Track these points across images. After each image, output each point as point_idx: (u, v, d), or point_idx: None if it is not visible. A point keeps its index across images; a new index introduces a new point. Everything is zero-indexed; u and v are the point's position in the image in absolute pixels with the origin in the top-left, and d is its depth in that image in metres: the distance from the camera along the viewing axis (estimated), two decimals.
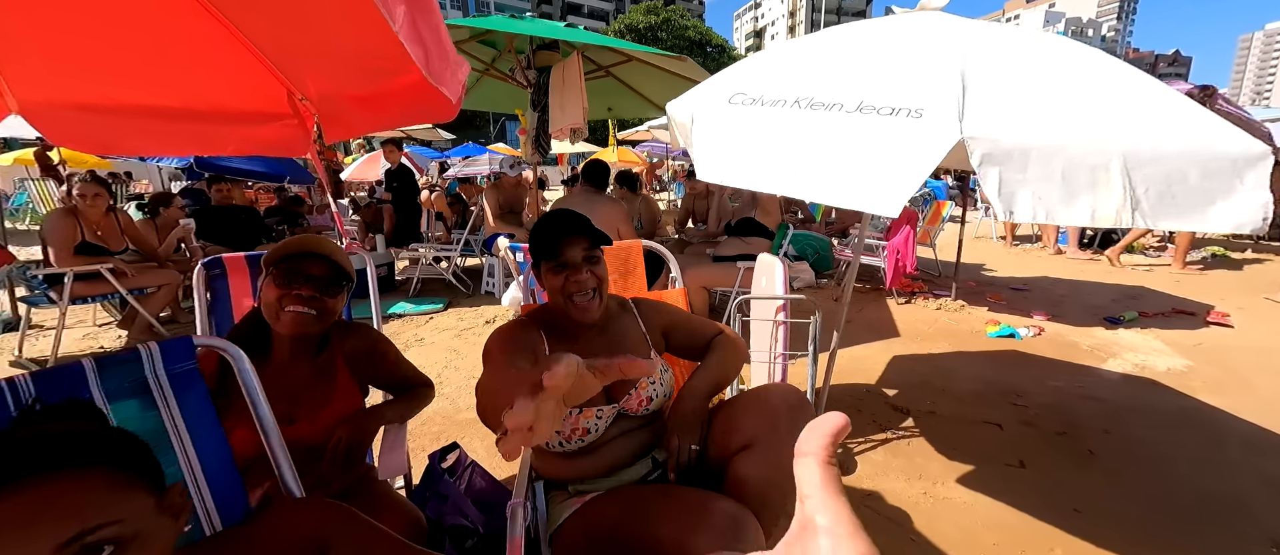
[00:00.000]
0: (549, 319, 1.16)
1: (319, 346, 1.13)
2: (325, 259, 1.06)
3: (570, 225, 1.08)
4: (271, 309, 1.03)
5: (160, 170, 8.93)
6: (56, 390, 0.66)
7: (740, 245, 3.43)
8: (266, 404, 0.83)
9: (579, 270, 1.06)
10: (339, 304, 1.10)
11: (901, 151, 1.00)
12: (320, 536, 0.72)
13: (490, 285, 4.91)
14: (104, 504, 0.50)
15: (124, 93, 1.34)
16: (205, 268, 1.51)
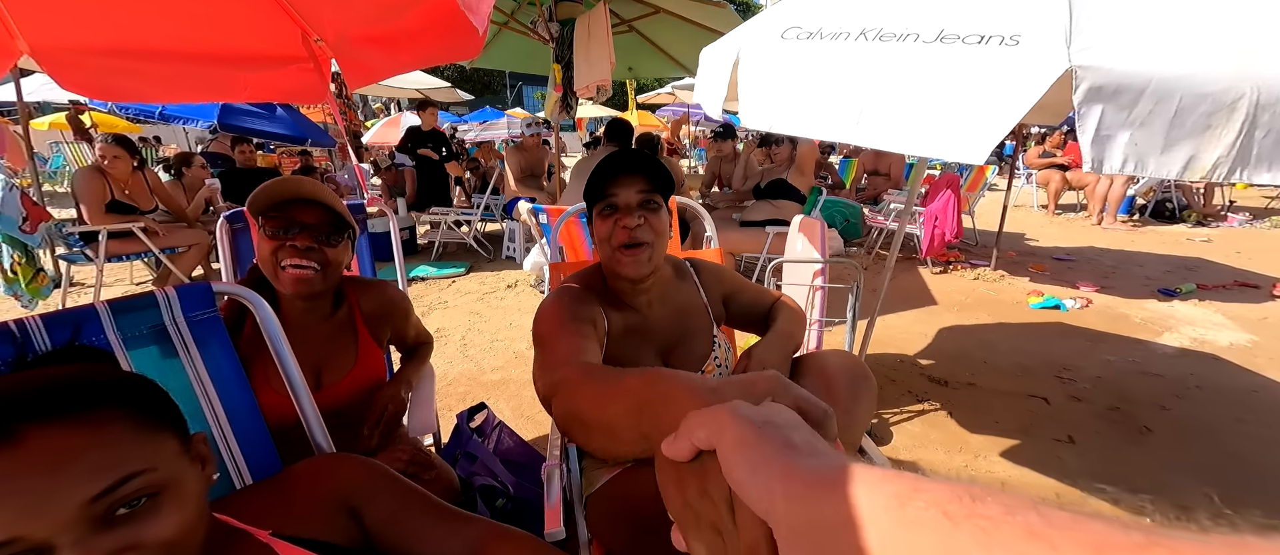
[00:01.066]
0: (601, 284, 1.00)
1: (334, 304, 1.05)
2: (318, 204, 0.93)
3: (627, 162, 0.90)
4: (269, 265, 0.91)
5: (187, 133, 9.04)
6: (68, 333, 0.61)
7: (770, 209, 3.28)
8: (292, 356, 0.79)
9: (631, 213, 0.89)
10: (342, 255, 0.98)
11: (993, 86, 0.86)
12: (353, 493, 0.68)
13: (511, 250, 4.87)
14: (134, 451, 0.45)
15: (133, 36, 1.27)
16: (228, 221, 1.47)
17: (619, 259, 0.91)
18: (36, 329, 0.59)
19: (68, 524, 0.41)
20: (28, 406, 0.42)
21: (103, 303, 0.64)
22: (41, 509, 0.40)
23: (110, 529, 0.43)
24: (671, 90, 7.20)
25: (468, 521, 0.72)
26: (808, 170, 3.23)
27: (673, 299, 1.04)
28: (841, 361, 0.98)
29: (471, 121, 12.51)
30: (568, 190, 3.25)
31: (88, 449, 0.43)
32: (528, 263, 4.04)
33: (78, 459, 0.42)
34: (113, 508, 0.43)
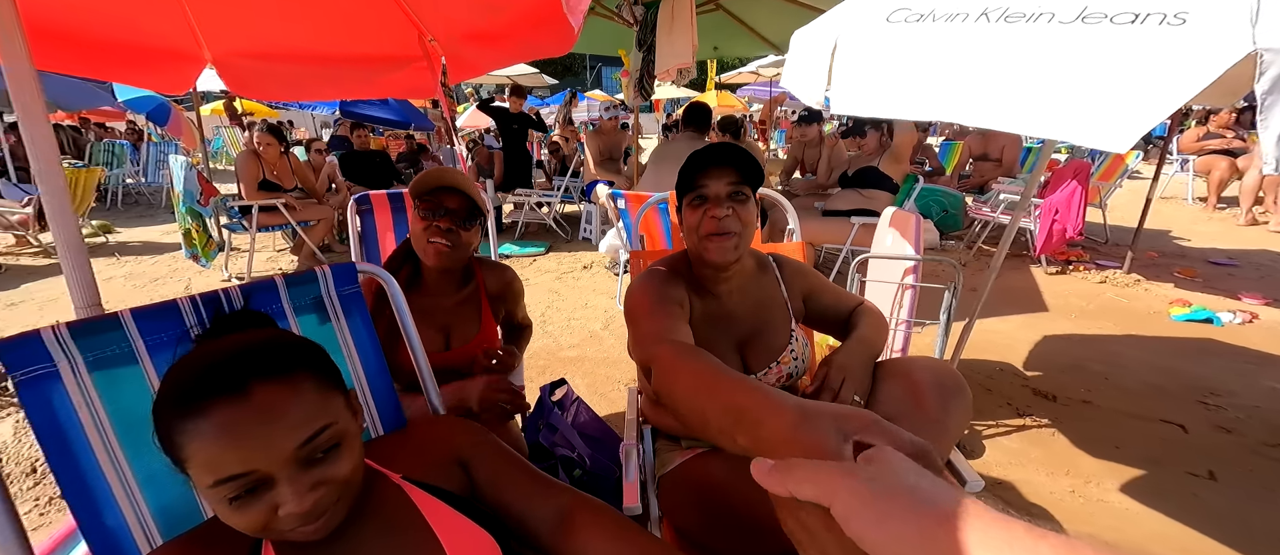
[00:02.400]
0: (686, 269, 1.04)
1: (464, 279, 1.22)
2: (460, 193, 1.10)
3: (718, 155, 0.94)
4: (418, 240, 1.11)
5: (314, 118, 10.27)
6: (259, 300, 0.76)
7: (857, 198, 3.10)
8: (414, 326, 0.91)
9: (720, 204, 0.93)
10: (474, 237, 1.15)
11: (1147, 69, 0.75)
12: (464, 450, 0.78)
13: (588, 232, 5.04)
14: (327, 407, 0.57)
15: (288, 44, 1.48)
16: (356, 203, 1.68)
17: (706, 246, 0.95)
18: (236, 295, 0.74)
19: (284, 463, 0.52)
20: (253, 367, 0.53)
21: (280, 275, 0.79)
22: (267, 450, 0.52)
23: (310, 469, 0.54)
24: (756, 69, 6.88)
25: (558, 489, 0.79)
26: (904, 157, 3.00)
27: (753, 291, 1.06)
28: (932, 370, 0.93)
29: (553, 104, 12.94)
30: (645, 175, 3.29)
31: (292, 404, 0.54)
32: (603, 245, 4.17)
33: (287, 412, 0.53)
34: (313, 453, 0.54)
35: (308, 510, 0.54)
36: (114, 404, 0.65)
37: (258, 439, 0.51)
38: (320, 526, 0.57)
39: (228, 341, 0.57)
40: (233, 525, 0.54)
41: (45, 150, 0.73)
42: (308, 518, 0.55)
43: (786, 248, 1.50)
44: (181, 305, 0.70)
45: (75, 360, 0.62)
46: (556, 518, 0.76)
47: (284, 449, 0.52)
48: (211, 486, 0.51)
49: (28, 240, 4.55)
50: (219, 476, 0.50)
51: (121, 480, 0.65)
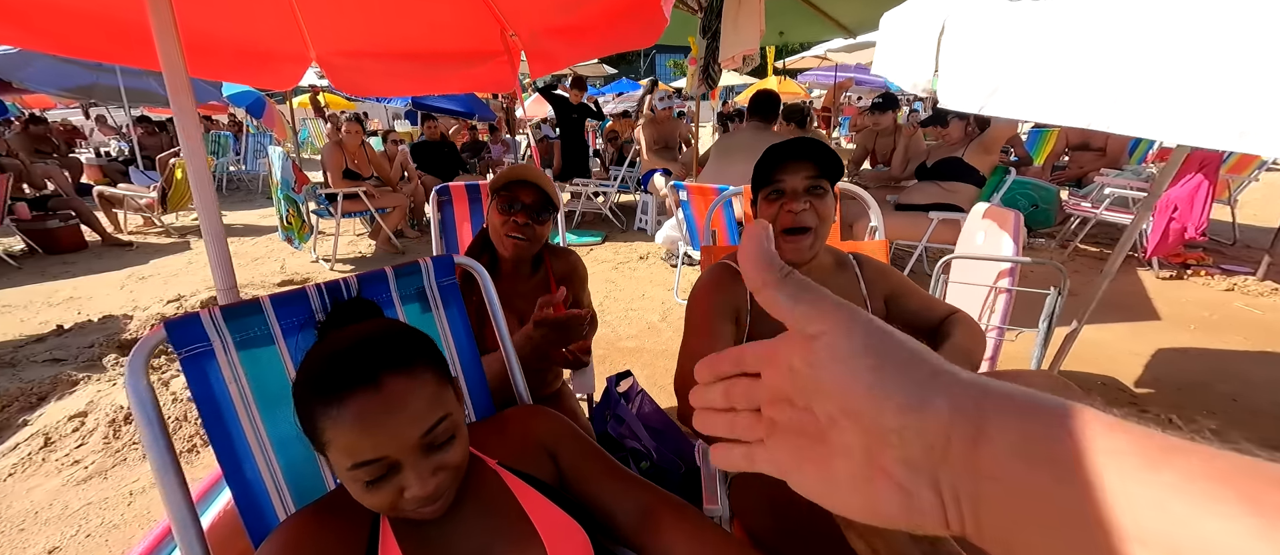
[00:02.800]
0: None
1: (535, 266, 1.27)
2: (536, 187, 1.15)
3: (797, 149, 0.94)
4: (496, 232, 1.17)
5: (387, 111, 10.90)
6: (371, 290, 0.81)
7: (936, 192, 2.89)
8: (503, 314, 0.94)
9: (797, 199, 0.93)
10: (547, 229, 1.20)
11: None
12: (551, 440, 0.80)
13: (643, 222, 5.05)
14: (443, 397, 0.60)
15: (382, 43, 1.56)
16: (437, 194, 1.77)
17: (781, 244, 0.95)
18: (352, 284, 0.79)
19: (410, 450, 0.56)
20: (383, 360, 0.57)
21: (390, 268, 0.83)
22: (397, 439, 0.55)
23: (430, 455, 0.58)
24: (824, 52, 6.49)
25: (640, 485, 0.80)
26: (995, 148, 2.76)
27: (830, 285, 1.02)
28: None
29: (608, 93, 12.98)
30: (708, 167, 3.23)
31: (416, 396, 0.57)
32: (660, 236, 4.15)
33: (413, 403, 0.57)
34: (433, 441, 0.58)
35: (430, 493, 0.57)
36: (255, 379, 0.71)
37: (388, 428, 0.55)
38: (438, 508, 0.60)
39: (357, 333, 0.61)
40: (365, 504, 0.58)
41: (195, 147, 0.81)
42: (429, 500, 0.58)
43: (868, 246, 1.42)
44: (309, 292, 0.76)
45: (226, 340, 0.69)
46: (639, 514, 0.76)
47: (410, 438, 0.56)
48: (350, 469, 0.55)
49: (153, 221, 5.17)
50: (356, 461, 0.54)
51: (259, 442, 0.72)
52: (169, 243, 4.71)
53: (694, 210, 2.80)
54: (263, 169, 7.09)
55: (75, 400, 2.05)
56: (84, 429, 1.90)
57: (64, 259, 4.18)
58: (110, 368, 2.31)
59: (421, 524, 0.65)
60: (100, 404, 2.00)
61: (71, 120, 9.70)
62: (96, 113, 9.65)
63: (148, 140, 6.98)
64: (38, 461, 1.78)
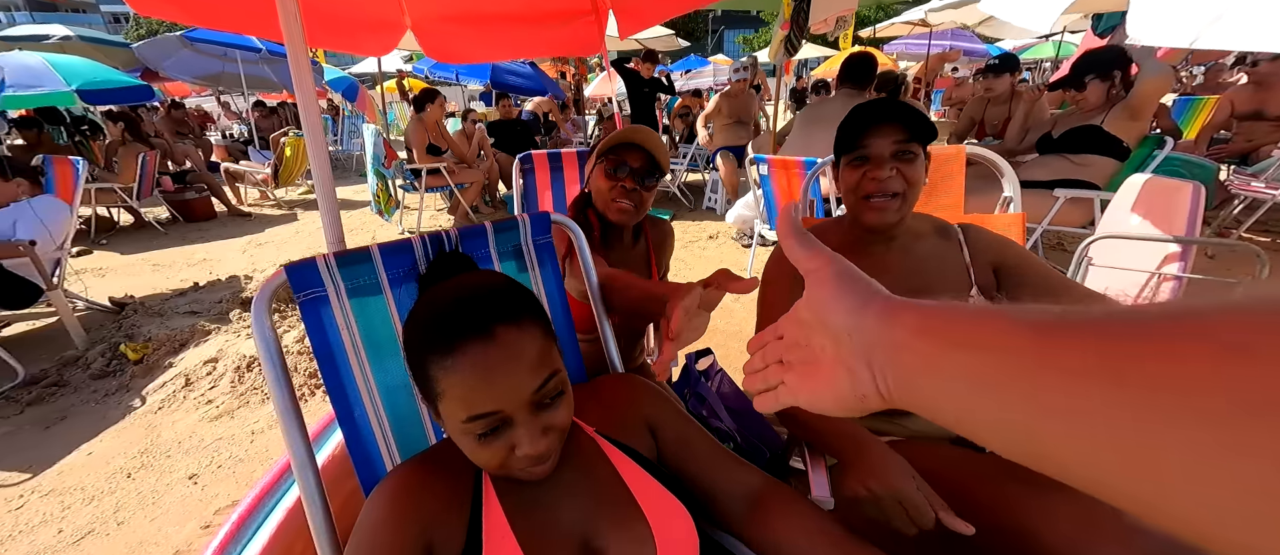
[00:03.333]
0: (830, 236, 1.01)
1: (636, 234, 1.21)
2: (644, 150, 1.06)
3: (885, 112, 0.87)
4: (602, 197, 1.09)
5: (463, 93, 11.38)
6: (470, 245, 0.79)
7: (1064, 166, 2.50)
8: (596, 276, 0.89)
9: (883, 165, 0.86)
10: (652, 195, 1.12)
11: None
12: (651, 413, 0.74)
13: (712, 201, 4.89)
14: (551, 354, 0.56)
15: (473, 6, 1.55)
16: (520, 162, 1.76)
17: (864, 209, 0.90)
18: (452, 237, 0.77)
19: (523, 405, 0.53)
20: (496, 311, 0.54)
21: (489, 223, 0.81)
22: (512, 392, 0.52)
23: (540, 413, 0.55)
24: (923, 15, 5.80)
25: (747, 468, 0.73)
26: (1146, 112, 2.33)
27: (921, 253, 0.95)
28: None
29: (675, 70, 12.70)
30: (792, 139, 3.02)
31: (529, 348, 0.54)
32: (731, 216, 3.99)
33: (525, 355, 0.53)
34: (543, 398, 0.55)
35: (541, 452, 0.54)
36: (364, 326, 0.72)
37: (504, 379, 0.52)
38: (546, 469, 0.57)
39: (466, 284, 0.58)
40: (475, 460, 0.55)
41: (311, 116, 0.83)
42: (538, 460, 0.55)
43: (1000, 221, 1.23)
44: (413, 243, 0.74)
45: (338, 286, 0.70)
46: (747, 500, 0.69)
47: (524, 392, 0.53)
48: (465, 422, 0.52)
49: (267, 195, 5.77)
50: (471, 413, 0.51)
51: (367, 389, 0.72)
52: (280, 214, 5.23)
53: (774, 186, 2.63)
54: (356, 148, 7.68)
55: (208, 347, 2.32)
56: (216, 373, 2.13)
57: (199, 226, 4.77)
58: (235, 321, 2.59)
59: (523, 485, 0.62)
60: (228, 352, 2.25)
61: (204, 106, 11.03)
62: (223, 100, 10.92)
63: (262, 122, 7.78)
64: (180, 399, 2.03)
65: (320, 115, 0.91)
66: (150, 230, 4.60)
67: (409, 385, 0.76)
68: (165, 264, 3.74)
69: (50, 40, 6.18)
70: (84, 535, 1.42)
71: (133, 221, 4.74)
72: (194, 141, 6.97)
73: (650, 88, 5.07)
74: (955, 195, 1.27)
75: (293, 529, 0.81)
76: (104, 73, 4.49)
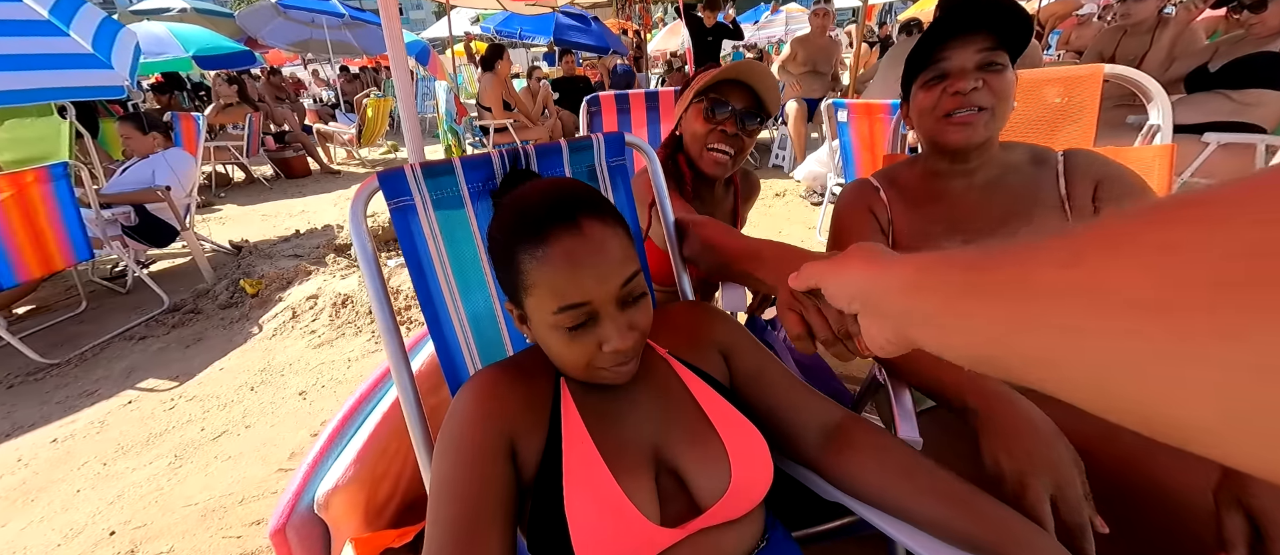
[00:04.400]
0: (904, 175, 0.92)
1: (726, 184, 1.13)
2: (751, 89, 0.95)
3: (967, 17, 0.74)
4: (698, 142, 0.98)
5: (527, 52, 11.46)
6: (546, 163, 0.79)
7: (1223, 106, 2.09)
8: (670, 203, 0.86)
9: (965, 78, 0.75)
10: (753, 141, 1.00)
11: None
12: (726, 341, 0.72)
13: (779, 158, 4.64)
14: (631, 254, 0.55)
15: None
16: (588, 104, 1.74)
17: (943, 129, 0.80)
18: (529, 152, 0.77)
19: (609, 299, 0.53)
20: (582, 205, 0.54)
21: (564, 141, 0.80)
22: (600, 283, 0.52)
23: (625, 310, 0.55)
24: None
25: (827, 402, 0.69)
26: None
27: (1008, 184, 0.83)
28: None
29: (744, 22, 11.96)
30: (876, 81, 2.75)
31: (614, 243, 0.53)
32: (800, 172, 3.77)
33: (612, 249, 0.53)
34: (628, 296, 0.54)
35: (627, 347, 0.54)
36: (448, 237, 0.74)
37: (592, 269, 0.51)
38: (628, 371, 0.57)
39: (553, 182, 0.58)
40: (563, 360, 0.56)
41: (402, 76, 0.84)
42: (623, 357, 0.55)
43: (1146, 154, 1.04)
44: (492, 157, 0.75)
45: (425, 197, 0.72)
46: (825, 430, 0.66)
47: (612, 285, 0.52)
48: (555, 314, 0.52)
49: (352, 155, 6.21)
50: (562, 304, 0.52)
51: (452, 298, 0.75)
52: (363, 171, 5.62)
53: (854, 134, 2.43)
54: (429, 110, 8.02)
55: (310, 286, 2.57)
56: (316, 308, 2.37)
57: (297, 182, 5.24)
58: (331, 264, 2.84)
59: (600, 396, 0.62)
60: (326, 290, 2.48)
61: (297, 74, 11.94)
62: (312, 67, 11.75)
63: (347, 87, 8.30)
64: (289, 328, 2.28)
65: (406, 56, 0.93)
66: (258, 185, 5.13)
67: (491, 305, 0.78)
68: (271, 214, 4.17)
69: (170, 11, 6.89)
70: (221, 434, 1.66)
71: (244, 177, 5.30)
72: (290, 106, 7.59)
73: (714, 36, 4.80)
74: (1087, 125, 1.09)
75: (388, 428, 0.88)
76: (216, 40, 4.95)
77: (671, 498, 0.59)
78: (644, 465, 0.60)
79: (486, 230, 0.62)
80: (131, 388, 1.95)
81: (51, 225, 2.16)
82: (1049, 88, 1.09)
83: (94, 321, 2.49)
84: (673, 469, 0.60)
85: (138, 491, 1.45)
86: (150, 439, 1.66)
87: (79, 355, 2.19)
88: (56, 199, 2.16)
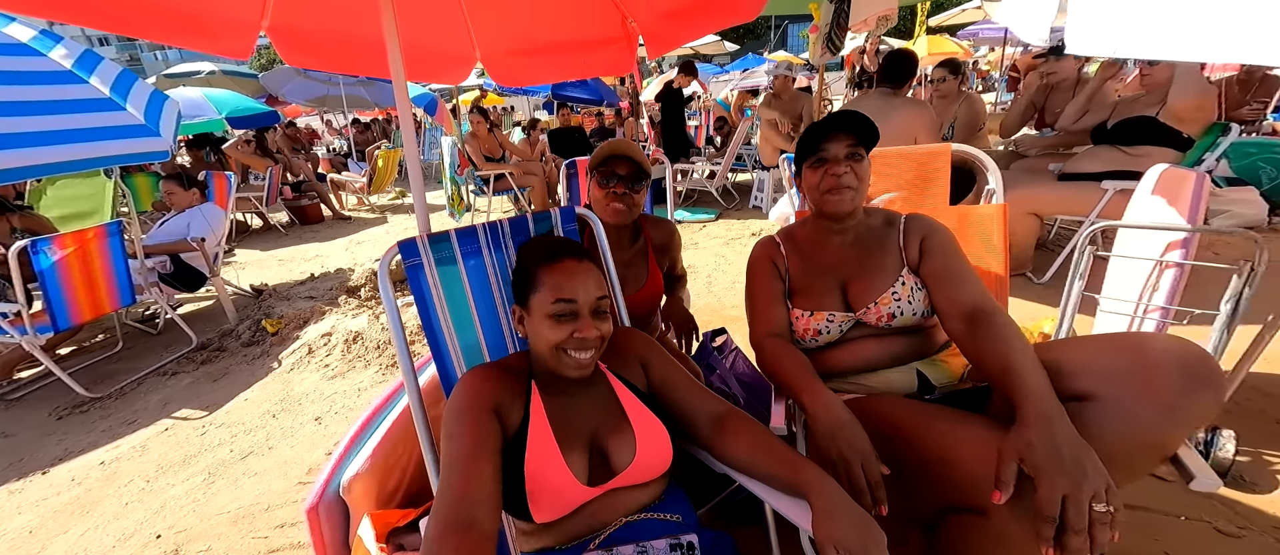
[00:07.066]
0: (798, 233, 1.21)
1: (634, 234, 1.43)
2: (629, 159, 1.29)
3: (839, 122, 1.06)
4: (599, 205, 1.30)
5: (529, 102, 12.15)
6: (517, 232, 1.09)
7: (1117, 158, 2.42)
8: (612, 259, 1.16)
9: (838, 164, 1.05)
10: (642, 197, 1.33)
11: None
12: (644, 355, 0.99)
13: (758, 200, 5.00)
14: (601, 284, 0.87)
15: (530, 40, 1.88)
16: (566, 168, 2.08)
17: (825, 201, 1.09)
18: (504, 227, 1.07)
19: (587, 304, 0.84)
20: (578, 249, 0.88)
21: (530, 214, 1.10)
22: (585, 291, 0.84)
23: (594, 317, 0.85)
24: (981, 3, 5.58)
25: (717, 399, 0.96)
26: (1208, 105, 2.22)
27: (866, 240, 1.15)
28: (1176, 351, 0.77)
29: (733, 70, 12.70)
30: None
31: (595, 273, 0.86)
32: (774, 213, 4.11)
33: (594, 275, 0.86)
34: (597, 308, 0.85)
35: (591, 337, 0.84)
36: (447, 287, 1.03)
37: (582, 280, 0.84)
38: (588, 361, 0.85)
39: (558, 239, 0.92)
40: (548, 337, 0.84)
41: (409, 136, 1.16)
42: (586, 346, 0.84)
43: (985, 211, 1.34)
44: (478, 229, 1.05)
45: (429, 258, 1.01)
46: (713, 420, 0.93)
47: (591, 295, 0.84)
48: (553, 303, 0.83)
49: (362, 201, 6.62)
50: (559, 296, 0.84)
51: (447, 328, 1.03)
52: (373, 217, 6.00)
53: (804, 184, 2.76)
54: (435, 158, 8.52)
55: (324, 325, 2.86)
56: (330, 344, 2.65)
57: (311, 228, 5.62)
58: (343, 304, 3.14)
59: (558, 392, 0.89)
60: (339, 328, 2.76)
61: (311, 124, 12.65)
62: (326, 118, 12.46)
63: (359, 137, 8.85)
64: (306, 363, 2.55)
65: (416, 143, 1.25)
66: (275, 232, 5.50)
67: (477, 338, 1.07)
68: (288, 259, 4.50)
69: (200, 74, 7.50)
70: (247, 454, 1.91)
71: (261, 225, 5.68)
72: (304, 156, 8.10)
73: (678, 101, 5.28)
74: (943, 186, 1.40)
75: (397, 432, 1.14)
76: (245, 102, 5.44)
77: (597, 466, 0.86)
78: (581, 443, 0.87)
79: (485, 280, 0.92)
80: (167, 417, 2.20)
81: (104, 275, 2.48)
82: (904, 162, 1.42)
83: (130, 359, 2.77)
84: (600, 447, 0.87)
85: (178, 503, 1.69)
86: (186, 459, 1.91)
87: (119, 389, 2.45)
88: (111, 252, 2.48)
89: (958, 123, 3.78)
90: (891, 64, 2.78)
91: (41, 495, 1.79)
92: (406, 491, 1.17)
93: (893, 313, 1.07)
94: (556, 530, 0.84)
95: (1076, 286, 1.50)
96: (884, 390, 1.10)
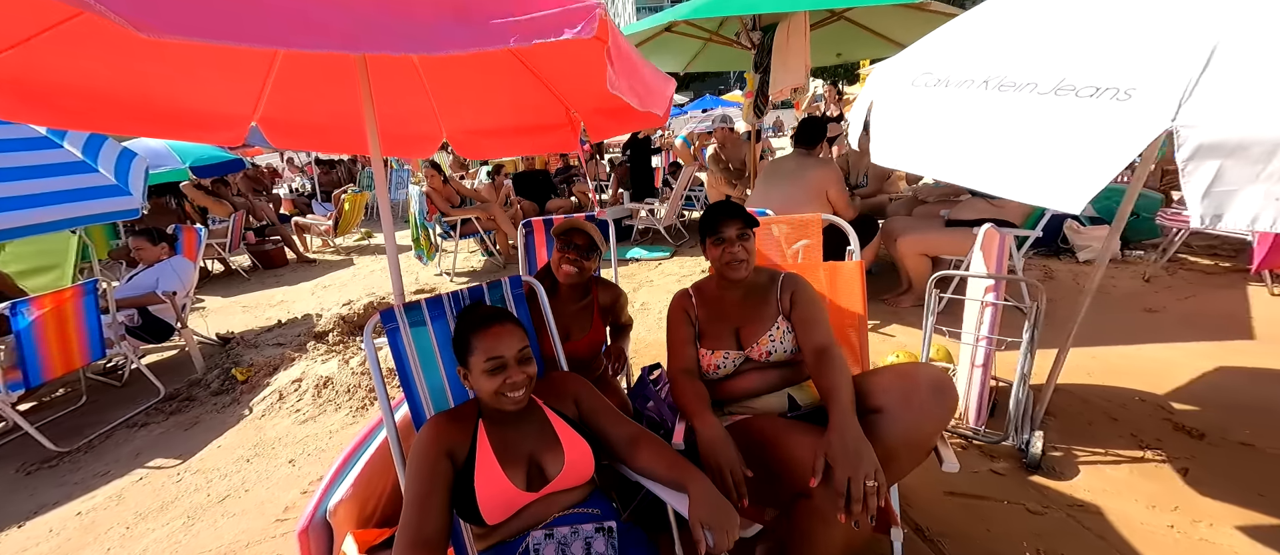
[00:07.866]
0: (706, 286, 1.56)
1: (583, 292, 1.75)
2: (586, 234, 1.64)
3: (729, 211, 1.43)
4: (556, 264, 1.66)
5: None
6: (492, 294, 1.38)
7: (986, 208, 2.94)
8: (552, 318, 1.47)
9: (732, 244, 1.40)
10: (593, 264, 1.68)
11: (1094, 139, 0.92)
12: (575, 391, 1.30)
13: None
14: (522, 340, 1.16)
15: (488, 122, 2.22)
16: (522, 228, 2.39)
17: (726, 270, 1.43)
18: (463, 295, 1.37)
19: (513, 357, 1.12)
20: (502, 316, 1.15)
21: (485, 284, 1.40)
22: (509, 347, 1.12)
23: (519, 364, 1.13)
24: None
25: (633, 424, 1.26)
26: None
27: (753, 294, 1.50)
28: (931, 376, 1.15)
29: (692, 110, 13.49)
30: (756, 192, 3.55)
31: (517, 333, 1.14)
32: None
33: (516, 335, 1.13)
34: (521, 356, 1.13)
35: (519, 382, 1.12)
36: (418, 345, 1.31)
37: (506, 340, 1.12)
38: (520, 398, 1.13)
39: (489, 306, 1.19)
40: (484, 387, 1.11)
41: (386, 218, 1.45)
42: (516, 387, 1.12)
43: (849, 266, 1.74)
44: (443, 298, 1.34)
45: (404, 322, 1.30)
46: (628, 440, 1.23)
47: (514, 349, 1.12)
48: (485, 361, 1.11)
49: (327, 243, 6.71)
50: (490, 356, 1.11)
51: (418, 378, 1.31)
52: (339, 260, 6.10)
53: None
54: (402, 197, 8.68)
55: (294, 371, 3.01)
56: (300, 389, 2.80)
57: (275, 272, 5.67)
58: (311, 350, 3.29)
59: (502, 426, 1.18)
60: (309, 374, 2.92)
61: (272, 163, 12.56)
62: (288, 156, 12.42)
63: (323, 177, 8.92)
64: (277, 408, 2.70)
65: (392, 218, 1.54)
66: (237, 277, 5.53)
67: (442, 383, 1.34)
68: (252, 305, 4.57)
69: None
70: (224, 497, 2.06)
71: (222, 270, 5.70)
72: (266, 197, 8.11)
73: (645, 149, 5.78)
74: (816, 247, 1.80)
75: (376, 463, 1.39)
76: (208, 150, 5.54)
77: (535, 476, 1.14)
78: (521, 460, 1.15)
79: (449, 337, 1.20)
80: (141, 467, 2.32)
81: (77, 332, 2.59)
82: (779, 226, 1.81)
83: (96, 413, 2.84)
84: (537, 462, 1.16)
85: (160, 546, 1.83)
86: (164, 506, 2.04)
87: (87, 443, 2.53)
88: (84, 310, 2.60)
89: (870, 173, 4.34)
90: (805, 129, 3.27)
91: (20, 547, 1.89)
92: (382, 513, 1.40)
93: (770, 350, 1.41)
94: (505, 528, 1.12)
95: (929, 321, 1.91)
96: (763, 410, 1.44)
